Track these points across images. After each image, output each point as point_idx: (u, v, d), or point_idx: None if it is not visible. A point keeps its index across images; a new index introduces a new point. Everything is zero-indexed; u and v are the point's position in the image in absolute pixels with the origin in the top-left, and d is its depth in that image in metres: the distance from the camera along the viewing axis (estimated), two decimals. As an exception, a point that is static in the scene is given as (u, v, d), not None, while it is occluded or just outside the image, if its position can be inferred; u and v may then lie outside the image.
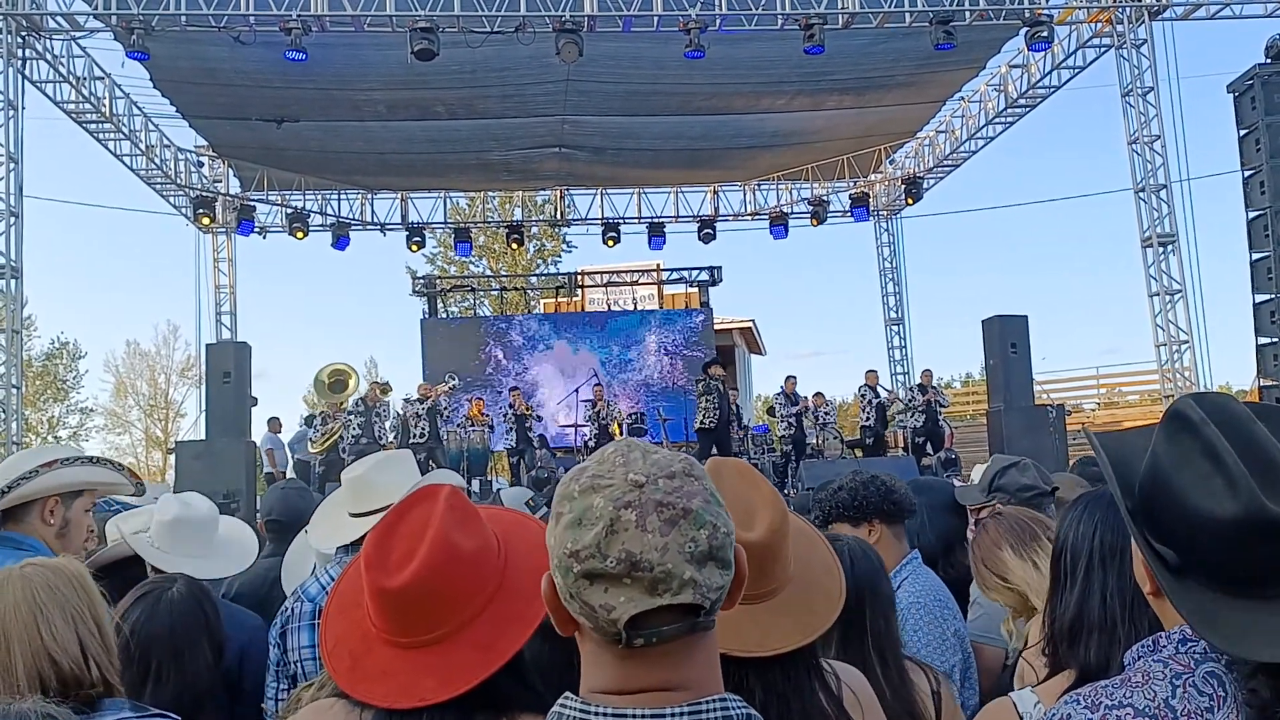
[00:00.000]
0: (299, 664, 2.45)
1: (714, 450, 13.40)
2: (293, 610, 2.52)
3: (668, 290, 21.61)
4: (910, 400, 15.11)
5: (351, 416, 13.87)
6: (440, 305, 21.01)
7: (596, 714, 0.93)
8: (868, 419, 15.26)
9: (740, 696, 0.99)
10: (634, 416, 16.33)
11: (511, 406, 15.05)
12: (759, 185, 20.17)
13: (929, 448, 14.68)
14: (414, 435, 14.02)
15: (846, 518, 2.63)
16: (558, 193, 20.15)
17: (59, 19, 12.89)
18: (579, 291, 21.64)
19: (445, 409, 14.50)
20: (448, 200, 20.75)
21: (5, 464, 2.49)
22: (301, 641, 2.45)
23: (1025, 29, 13.02)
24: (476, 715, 1.26)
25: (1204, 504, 1.03)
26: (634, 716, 0.92)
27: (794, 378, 15.51)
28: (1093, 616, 1.51)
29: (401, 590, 1.26)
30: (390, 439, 14.35)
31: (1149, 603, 1.18)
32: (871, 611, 1.90)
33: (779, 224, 19.85)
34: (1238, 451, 1.03)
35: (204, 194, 17.81)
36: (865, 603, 1.88)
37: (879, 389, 15.57)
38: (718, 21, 12.53)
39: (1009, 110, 16.67)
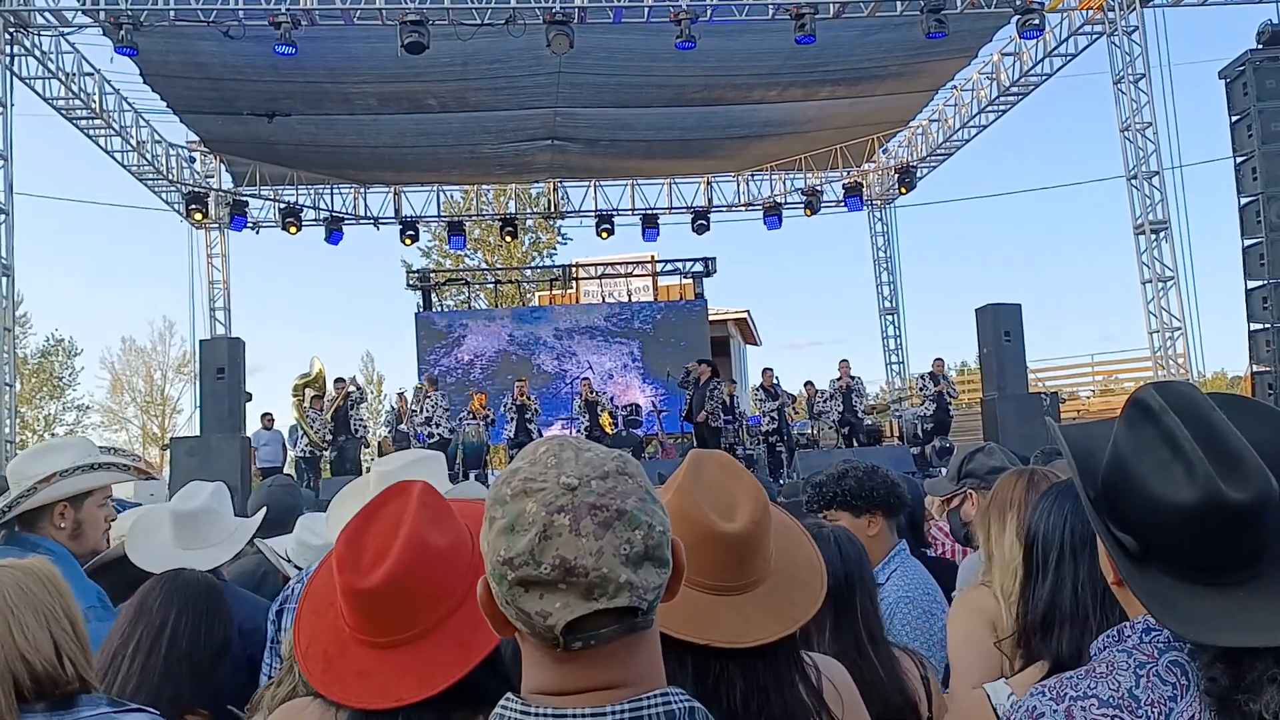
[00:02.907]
0: None
1: (705, 442, 13.40)
2: (293, 590, 2.54)
3: (662, 281, 21.59)
4: (922, 388, 15.00)
5: (319, 422, 13.91)
6: (435, 298, 21.00)
7: (537, 714, 0.92)
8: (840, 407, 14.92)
9: (697, 689, 0.98)
10: (629, 408, 16.31)
11: (513, 398, 14.87)
12: (752, 176, 20.13)
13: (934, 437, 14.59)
14: (415, 429, 14.05)
15: (850, 507, 2.62)
16: (551, 185, 20.11)
17: (47, 15, 12.80)
18: (574, 284, 21.62)
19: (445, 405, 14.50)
20: (441, 193, 20.70)
21: (15, 464, 2.52)
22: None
23: (1017, 17, 12.99)
24: (454, 713, 1.25)
25: (1163, 491, 1.04)
26: (574, 716, 0.91)
27: (771, 370, 15.15)
28: (1064, 608, 1.51)
29: (374, 591, 1.25)
30: (384, 433, 14.34)
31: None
32: (860, 594, 1.97)
33: (773, 214, 19.80)
34: (1197, 439, 1.04)
35: (196, 189, 17.75)
36: (855, 587, 1.96)
37: (848, 378, 15.15)
38: (708, 12, 12.50)
39: (1001, 99, 16.64)
